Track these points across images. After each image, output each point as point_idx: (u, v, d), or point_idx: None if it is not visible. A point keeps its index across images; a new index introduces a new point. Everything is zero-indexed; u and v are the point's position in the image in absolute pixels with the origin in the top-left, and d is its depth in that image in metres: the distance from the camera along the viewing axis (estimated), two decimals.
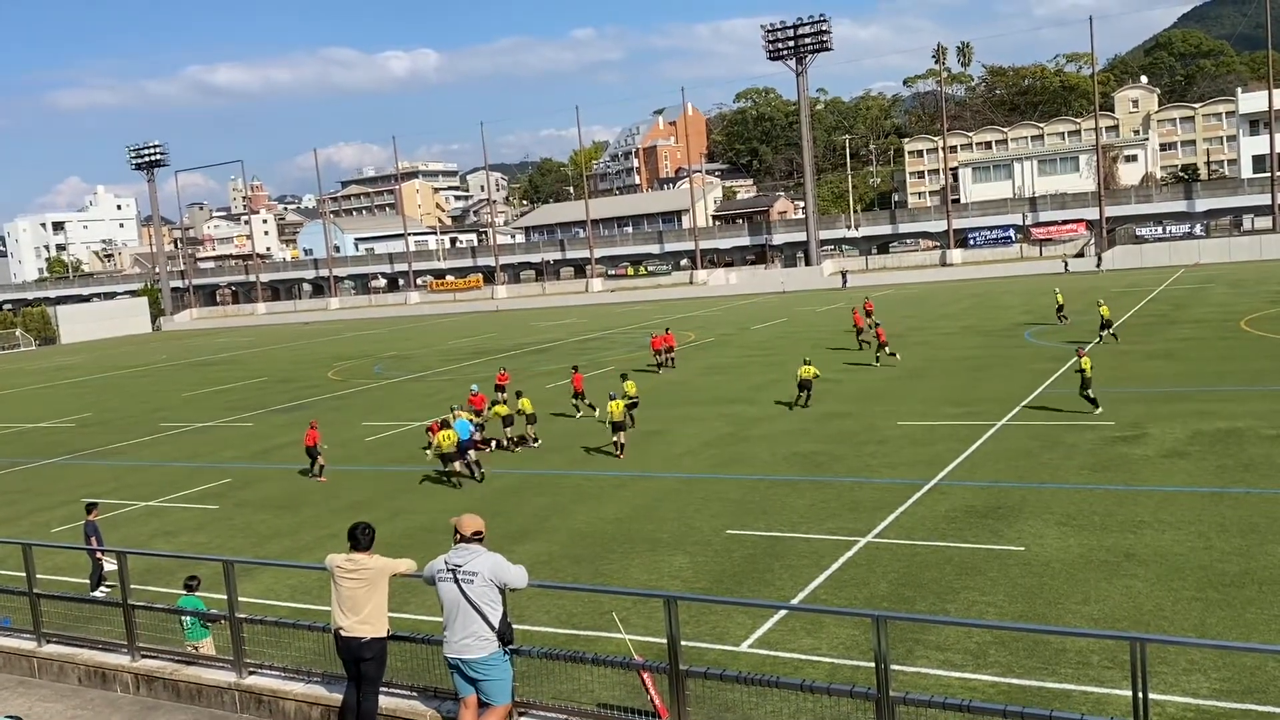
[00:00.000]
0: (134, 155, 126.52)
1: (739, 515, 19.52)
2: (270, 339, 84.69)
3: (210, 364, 65.50)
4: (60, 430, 40.06)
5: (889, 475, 21.57)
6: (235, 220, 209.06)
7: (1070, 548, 16.09)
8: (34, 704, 10.45)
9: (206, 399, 45.96)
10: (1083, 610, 13.64)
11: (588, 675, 9.31)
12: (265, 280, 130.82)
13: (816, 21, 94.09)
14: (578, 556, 17.95)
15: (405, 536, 19.52)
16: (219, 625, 10.80)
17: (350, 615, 8.56)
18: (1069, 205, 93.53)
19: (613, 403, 25.80)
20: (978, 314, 53.82)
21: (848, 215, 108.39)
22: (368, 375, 49.90)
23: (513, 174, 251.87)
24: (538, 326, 71.70)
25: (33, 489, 28.39)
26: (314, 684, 9.55)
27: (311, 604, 15.53)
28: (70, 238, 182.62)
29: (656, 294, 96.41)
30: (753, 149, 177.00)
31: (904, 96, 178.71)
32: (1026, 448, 22.86)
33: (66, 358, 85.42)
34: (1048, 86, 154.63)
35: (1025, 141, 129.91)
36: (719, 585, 15.80)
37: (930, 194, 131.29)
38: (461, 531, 8.40)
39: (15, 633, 12.03)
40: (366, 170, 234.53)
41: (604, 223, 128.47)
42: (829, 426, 27.20)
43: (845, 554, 16.66)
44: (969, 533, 17.23)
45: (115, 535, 22.18)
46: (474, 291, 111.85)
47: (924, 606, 14.16)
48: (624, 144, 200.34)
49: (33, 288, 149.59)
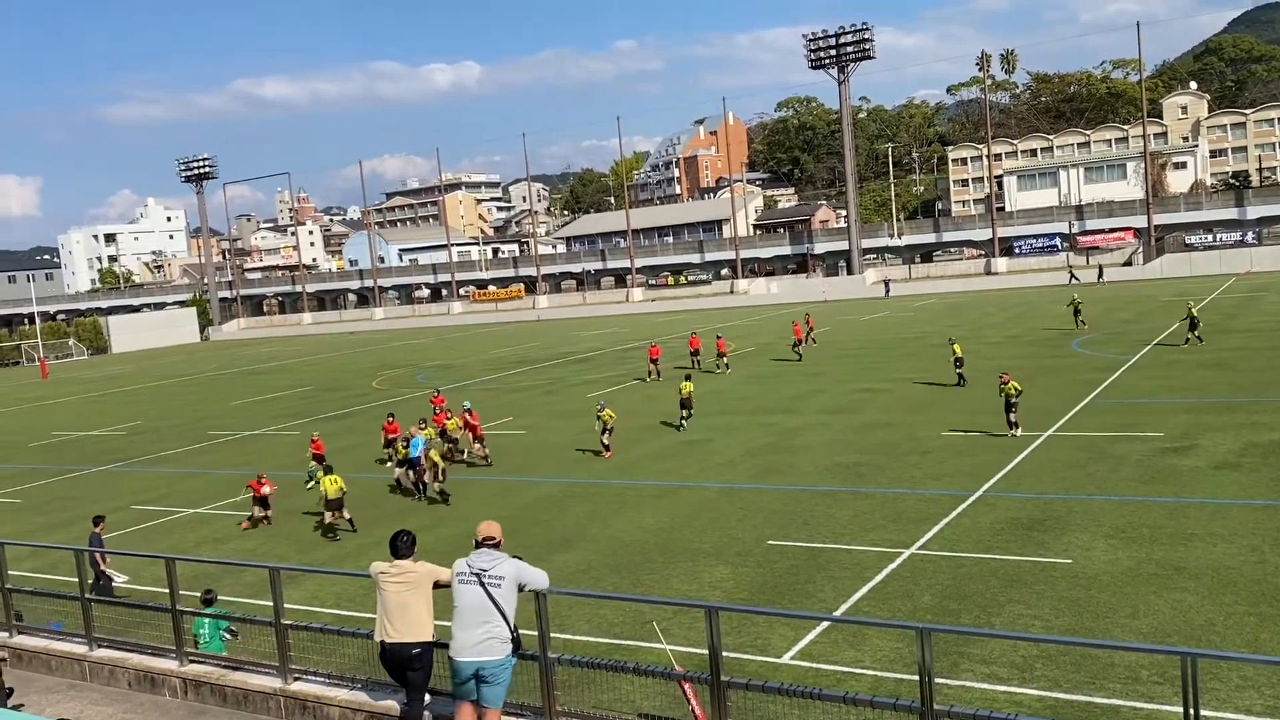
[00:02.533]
0: (184, 168, 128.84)
1: (780, 526, 19.42)
2: (316, 348, 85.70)
3: (257, 373, 66.40)
4: (112, 438, 40.79)
5: (933, 486, 21.36)
6: (282, 231, 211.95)
7: (1119, 560, 15.83)
8: (85, 707, 10.62)
9: (253, 408, 46.58)
10: (1131, 624, 13.41)
11: (628, 685, 9.30)
12: (311, 291, 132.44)
13: (859, 30, 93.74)
14: (618, 566, 17.95)
15: (446, 544, 19.62)
16: (261, 631, 10.91)
17: (395, 622, 8.62)
18: (1116, 213, 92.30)
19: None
20: (1023, 323, 53.19)
21: (890, 224, 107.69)
22: (411, 384, 50.31)
23: (554, 185, 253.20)
24: (579, 336, 71.91)
25: (84, 495, 28.91)
26: (357, 690, 9.63)
27: (355, 611, 15.68)
28: (121, 249, 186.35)
29: (697, 303, 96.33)
30: (794, 158, 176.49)
31: (947, 104, 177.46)
32: (1073, 459, 22.54)
33: (117, 367, 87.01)
34: (1094, 93, 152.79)
35: (1071, 149, 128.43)
36: (760, 596, 15.73)
37: (974, 202, 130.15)
38: (478, 536, 8.63)
39: (67, 637, 12.25)
40: (410, 182, 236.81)
41: (644, 232, 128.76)
42: (871, 437, 27.00)
43: (888, 566, 16.52)
44: (1015, 545, 17.01)
45: (164, 542, 22.55)
46: (516, 301, 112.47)
47: (969, 619, 14.00)
48: (665, 154, 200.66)
49: (85, 298, 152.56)
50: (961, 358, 34.18)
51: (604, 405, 28.01)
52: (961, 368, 33.89)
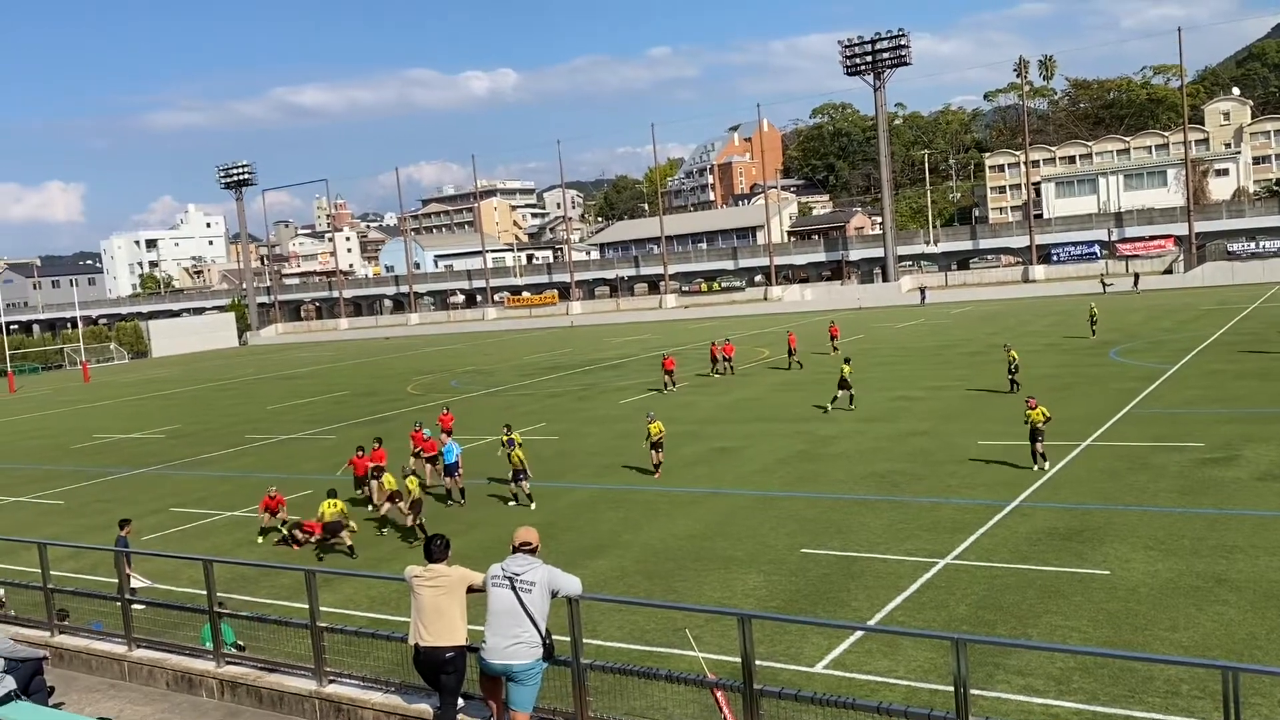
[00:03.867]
0: (223, 175, 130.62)
1: (814, 534, 19.32)
2: (352, 353, 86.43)
3: (294, 378, 67.06)
4: (151, 441, 41.34)
5: (968, 495, 21.17)
6: (319, 237, 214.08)
7: (1158, 572, 15.61)
8: (124, 706, 10.76)
9: (290, 412, 47.05)
10: (1171, 637, 13.21)
11: (660, 692, 9.28)
12: (348, 296, 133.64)
13: (895, 36, 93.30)
14: (650, 572, 17.94)
15: (480, 549, 19.67)
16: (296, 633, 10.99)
17: (430, 626, 8.67)
18: (1156, 220, 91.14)
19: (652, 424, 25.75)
20: (1061, 331, 52.62)
21: (926, 231, 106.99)
22: (446, 389, 50.59)
23: (588, 191, 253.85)
24: (612, 342, 72.01)
25: (124, 498, 29.31)
26: (392, 694, 9.68)
27: (390, 614, 15.77)
28: (162, 255, 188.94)
29: (731, 310, 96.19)
30: (829, 164, 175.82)
31: (985, 111, 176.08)
32: (1112, 469, 22.26)
33: (157, 371, 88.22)
34: (1134, 99, 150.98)
35: (1110, 156, 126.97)
36: (793, 605, 15.65)
37: (1012, 209, 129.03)
38: (515, 541, 8.71)
39: (107, 636, 12.42)
40: (446, 188, 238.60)
41: (678, 239, 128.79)
42: (906, 445, 26.81)
43: (923, 575, 16.38)
44: (1052, 555, 16.82)
45: (203, 544, 22.81)
46: (549, 308, 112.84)
47: (1005, 630, 13.85)
48: (699, 160, 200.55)
49: (126, 303, 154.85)
50: (1017, 363, 33.55)
51: (653, 417, 26.42)
52: (1015, 374, 33.33)
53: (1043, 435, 22.84)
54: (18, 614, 14.10)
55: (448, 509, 24.03)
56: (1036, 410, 22.93)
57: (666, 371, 42.24)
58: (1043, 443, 22.84)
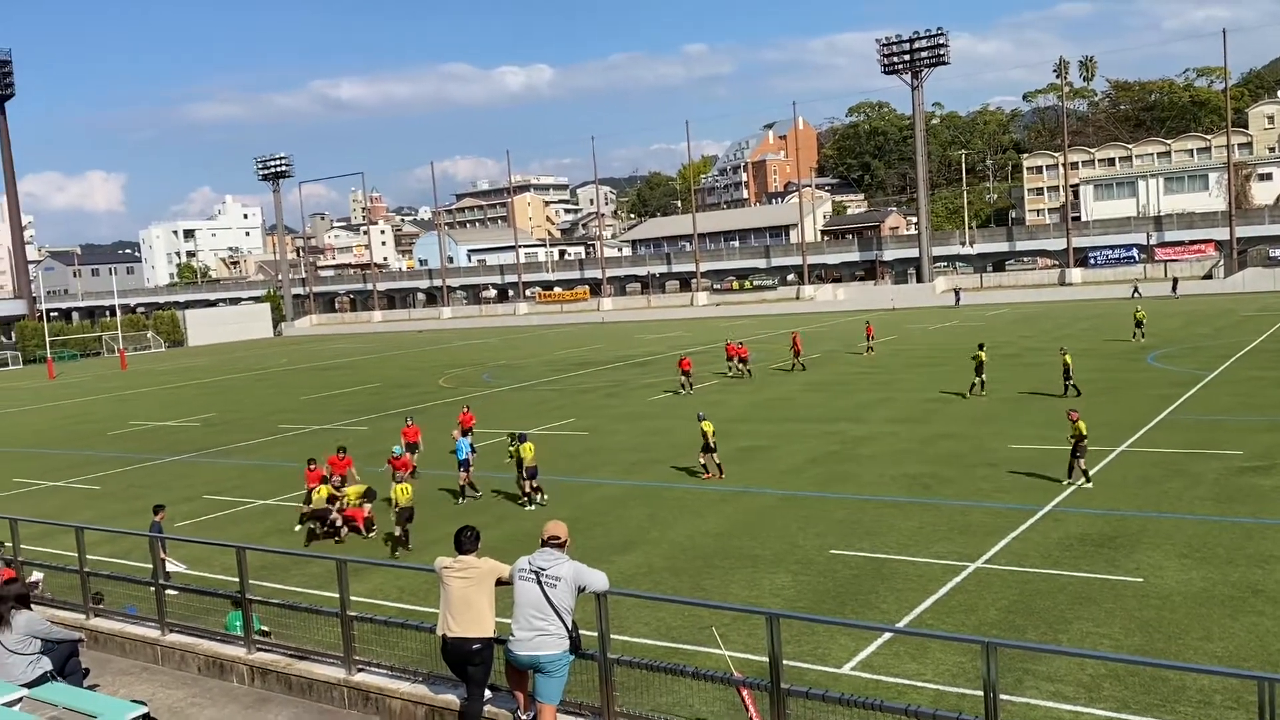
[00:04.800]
0: (261, 166, 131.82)
1: (843, 535, 19.24)
2: (385, 346, 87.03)
3: (328, 369, 67.62)
4: (186, 429, 41.84)
5: (1000, 499, 20.99)
6: (354, 230, 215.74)
7: (1192, 581, 15.40)
8: (157, 690, 10.90)
9: (324, 402, 47.45)
10: (1205, 647, 13.04)
11: (686, 689, 9.29)
12: (382, 289, 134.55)
13: (934, 35, 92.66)
14: (678, 569, 17.93)
15: (509, 541, 19.75)
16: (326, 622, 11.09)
17: (458, 617, 8.72)
18: (1197, 225, 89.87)
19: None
20: (1098, 335, 52.06)
21: (962, 232, 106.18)
22: (477, 383, 50.84)
23: (621, 188, 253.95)
24: (642, 339, 72.04)
25: (159, 484, 29.67)
26: (419, 684, 9.75)
27: (418, 605, 15.87)
28: (199, 245, 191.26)
29: (762, 309, 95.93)
30: (864, 163, 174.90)
31: (1023, 111, 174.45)
32: (1147, 475, 21.99)
33: (193, 359, 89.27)
34: (1176, 102, 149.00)
35: (1151, 158, 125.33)
36: (821, 605, 15.59)
37: (1049, 211, 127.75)
38: (543, 535, 8.79)
39: (141, 620, 12.59)
40: (480, 183, 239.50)
41: (710, 237, 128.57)
42: (938, 448, 26.62)
43: (953, 579, 16.27)
44: (1084, 561, 16.64)
45: (235, 531, 23.06)
46: (580, 303, 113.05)
47: (1035, 635, 13.73)
48: (733, 158, 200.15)
49: (164, 292, 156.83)
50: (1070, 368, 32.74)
51: (704, 416, 25.42)
52: (1070, 379, 32.55)
53: (1084, 451, 21.57)
54: (54, 597, 14.33)
55: (459, 505, 24.09)
56: (1078, 423, 21.60)
57: (683, 372, 41.26)
58: (1084, 459, 21.57)
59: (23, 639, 9.54)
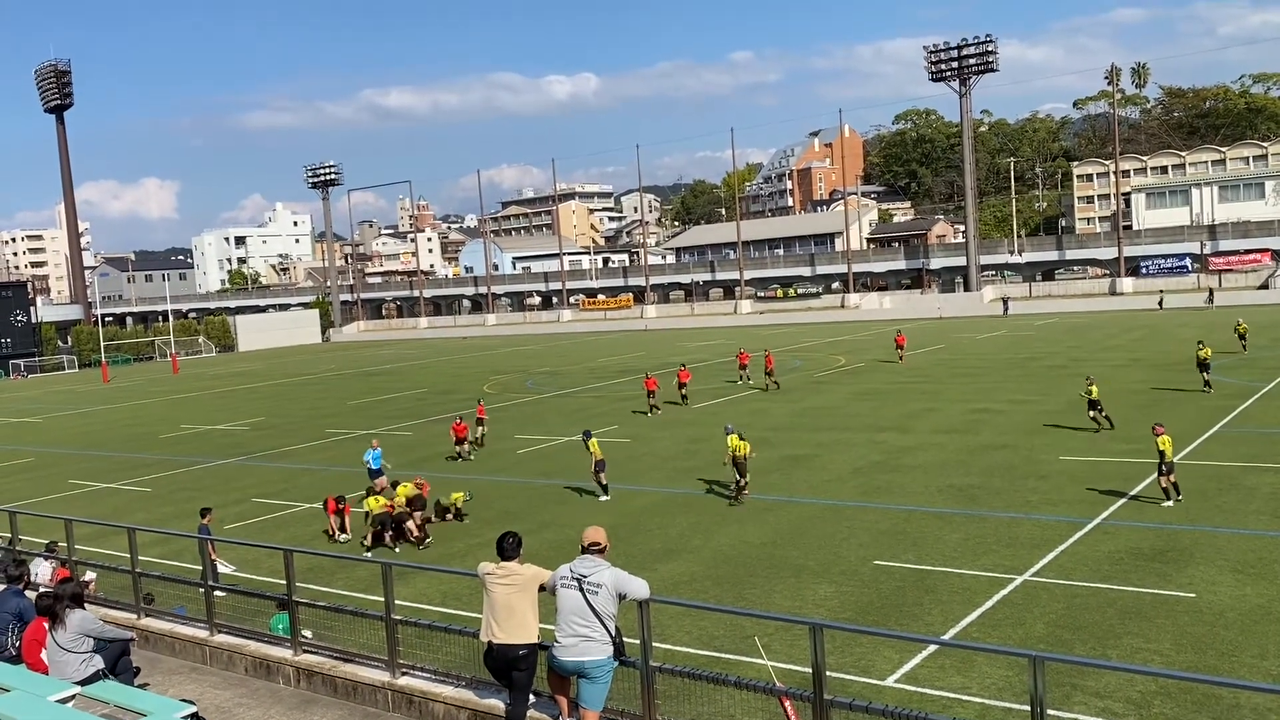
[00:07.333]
0: (311, 174, 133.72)
1: (888, 546, 19.07)
2: (431, 352, 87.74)
3: (375, 374, 68.32)
4: (236, 433, 42.47)
5: (1049, 512, 20.70)
6: (402, 238, 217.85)
7: (1247, 597, 15.07)
8: (205, 690, 11.06)
9: (370, 408, 47.93)
10: (1260, 665, 12.75)
11: (728, 698, 9.24)
12: (428, 296, 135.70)
13: (982, 42, 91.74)
14: (720, 578, 17.88)
15: (552, 548, 19.83)
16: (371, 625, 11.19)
17: (503, 623, 8.75)
18: (1252, 234, 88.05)
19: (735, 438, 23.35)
20: (1149, 346, 51.18)
21: (1011, 240, 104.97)
22: (521, 390, 51.08)
23: (665, 195, 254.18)
24: (685, 347, 71.96)
25: (208, 487, 30.14)
26: (463, 688, 9.80)
27: (462, 609, 15.97)
28: (250, 251, 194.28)
29: (806, 317, 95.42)
30: (911, 171, 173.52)
31: (1074, 119, 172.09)
32: (1200, 488, 21.56)
33: (243, 364, 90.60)
34: (1231, 109, 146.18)
35: (1205, 166, 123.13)
36: (865, 616, 15.46)
37: (1100, 219, 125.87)
38: (584, 542, 8.82)
39: (190, 621, 12.79)
40: (526, 191, 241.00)
41: (755, 244, 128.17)
42: (986, 459, 26.31)
43: (1000, 592, 16.06)
44: (1134, 576, 16.35)
45: (281, 534, 23.36)
46: (624, 310, 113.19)
47: (1083, 650, 13.51)
48: (778, 166, 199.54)
49: (215, 298, 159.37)
50: (1098, 400, 28.68)
51: (731, 429, 23.92)
52: (1095, 411, 28.57)
53: (1172, 468, 20.53)
54: (107, 596, 14.60)
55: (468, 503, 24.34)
56: (1163, 437, 20.35)
57: (680, 384, 40.32)
58: (1168, 476, 20.44)
59: (76, 637, 9.73)
